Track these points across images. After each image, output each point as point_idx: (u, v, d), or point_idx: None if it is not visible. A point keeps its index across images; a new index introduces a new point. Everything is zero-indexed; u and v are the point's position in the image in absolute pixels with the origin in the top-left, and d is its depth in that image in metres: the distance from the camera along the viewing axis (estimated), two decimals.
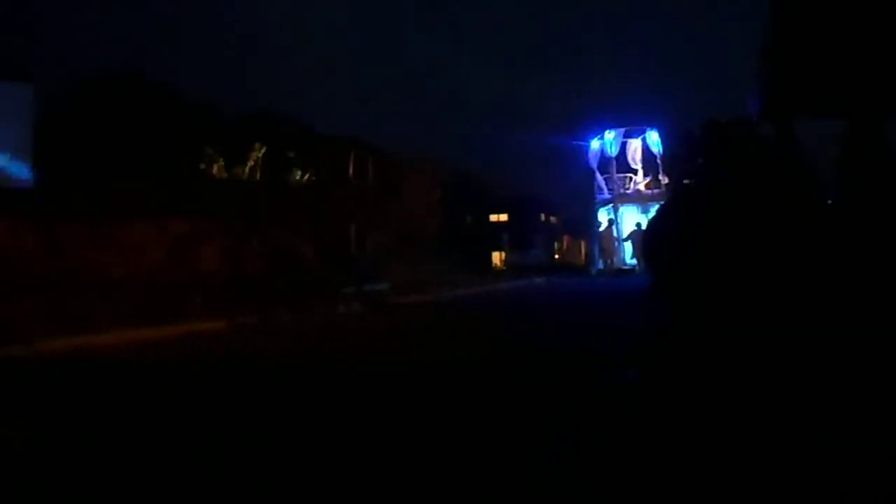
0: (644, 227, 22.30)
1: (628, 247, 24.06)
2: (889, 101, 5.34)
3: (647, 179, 27.02)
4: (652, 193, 26.18)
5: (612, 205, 26.76)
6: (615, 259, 25.55)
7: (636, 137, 27.44)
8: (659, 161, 26.47)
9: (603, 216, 27.30)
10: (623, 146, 27.49)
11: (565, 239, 47.35)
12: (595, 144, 27.76)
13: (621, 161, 27.57)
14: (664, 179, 25.64)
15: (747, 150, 7.38)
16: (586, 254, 34.95)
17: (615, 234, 25.80)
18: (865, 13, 4.66)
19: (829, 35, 4.82)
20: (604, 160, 27.67)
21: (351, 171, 23.88)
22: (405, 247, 21.36)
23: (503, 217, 42.13)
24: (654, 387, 4.09)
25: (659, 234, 7.61)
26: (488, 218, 41.71)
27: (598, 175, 27.68)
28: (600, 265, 26.14)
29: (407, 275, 17.06)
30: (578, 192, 31.40)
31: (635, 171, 27.40)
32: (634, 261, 23.21)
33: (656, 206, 25.22)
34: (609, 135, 27.41)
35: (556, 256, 42.69)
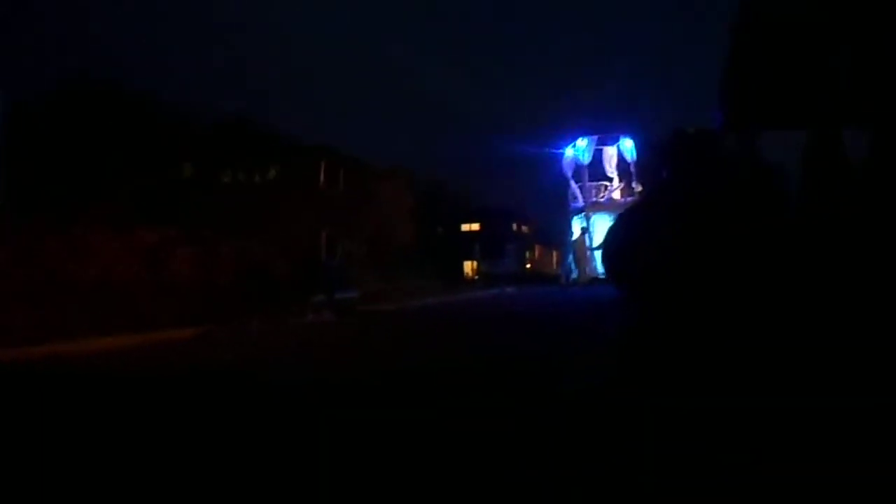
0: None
1: (598, 255, 24.19)
2: (845, 114, 5.55)
3: (621, 187, 27.09)
4: (625, 201, 25.94)
5: (584, 213, 26.83)
6: (588, 268, 25.60)
7: (611, 145, 27.57)
8: (633, 169, 26.72)
9: (576, 225, 27.40)
10: (597, 154, 27.62)
11: (537, 248, 47.70)
12: (569, 152, 27.85)
13: (595, 169, 27.71)
14: (637, 187, 25.83)
15: (710, 159, 7.57)
16: (558, 263, 35.20)
17: (587, 242, 25.90)
18: (821, 33, 4.84)
19: (788, 53, 4.98)
20: (577, 168, 27.75)
21: (322, 179, 23.86)
22: (377, 255, 21.39)
23: (475, 227, 42.32)
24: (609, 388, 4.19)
25: (620, 242, 7.78)
26: (460, 228, 41.85)
27: (572, 183, 27.81)
28: (574, 274, 26.17)
29: (378, 283, 17.09)
30: (551, 201, 31.60)
31: (610, 179, 27.55)
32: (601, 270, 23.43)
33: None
34: (581, 142, 27.50)
35: (528, 266, 42.93)
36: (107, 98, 16.44)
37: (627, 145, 27.01)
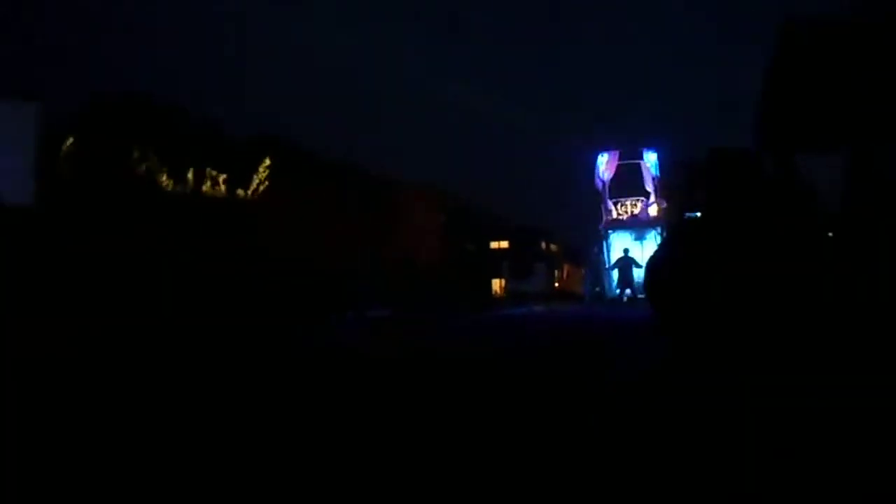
0: (630, 253, 22.20)
1: (615, 275, 23.42)
2: (882, 133, 5.45)
3: (644, 202, 26.37)
4: (648, 218, 25.71)
5: (604, 230, 26.17)
6: (606, 287, 25.02)
7: (634, 160, 26.48)
8: (654, 185, 25.83)
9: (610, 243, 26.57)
10: (620, 169, 26.79)
11: (566, 267, 47.35)
12: (599, 167, 27.00)
13: (618, 184, 26.75)
14: (661, 203, 25.12)
15: (752, 180, 7.41)
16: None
17: (604, 261, 25.34)
18: (853, 62, 4.91)
19: (824, 77, 5.06)
20: (600, 184, 26.97)
21: (351, 195, 23.90)
22: (407, 273, 21.29)
23: (504, 244, 42.14)
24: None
25: (665, 267, 7.54)
26: (489, 245, 41.69)
27: (606, 199, 26.97)
28: (592, 292, 25.59)
29: (409, 301, 16.97)
30: (579, 219, 31.12)
31: (640, 195, 26.61)
32: (618, 290, 22.65)
33: (651, 232, 24.78)
34: (602, 158, 26.65)
35: (557, 284, 42.62)
36: (139, 109, 16.61)
37: (652, 159, 26.12)
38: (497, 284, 34.62)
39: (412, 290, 18.73)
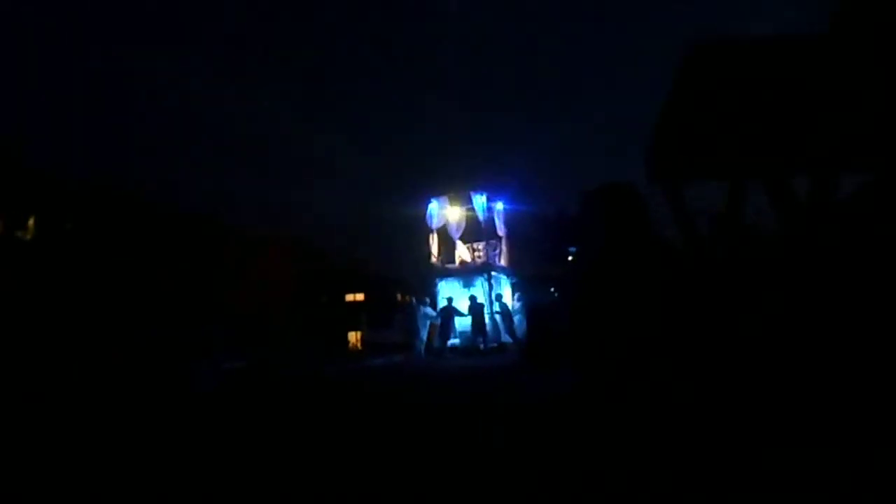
0: (454, 301, 20.79)
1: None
2: (755, 170, 5.93)
3: (472, 247, 24.41)
4: (474, 265, 23.81)
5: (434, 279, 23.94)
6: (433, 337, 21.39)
7: (462, 205, 24.19)
8: (483, 227, 23.98)
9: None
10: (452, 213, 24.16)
11: None
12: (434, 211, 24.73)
13: (446, 230, 24.20)
14: (493, 248, 24.10)
15: (642, 212, 7.60)
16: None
17: (419, 310, 21.54)
18: (747, 98, 5.21)
19: (713, 110, 5.26)
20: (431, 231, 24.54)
21: (202, 248, 23.00)
22: (260, 324, 20.63)
23: (360, 297, 41.90)
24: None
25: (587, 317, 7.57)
26: (344, 298, 41.31)
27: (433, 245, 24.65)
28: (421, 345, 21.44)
29: (262, 352, 16.39)
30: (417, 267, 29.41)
31: (463, 240, 24.38)
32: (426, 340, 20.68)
33: (479, 279, 22.68)
34: (432, 205, 24.45)
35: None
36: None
37: (480, 202, 23.88)
38: (354, 336, 34.26)
39: (265, 341, 18.11)
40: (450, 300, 21.23)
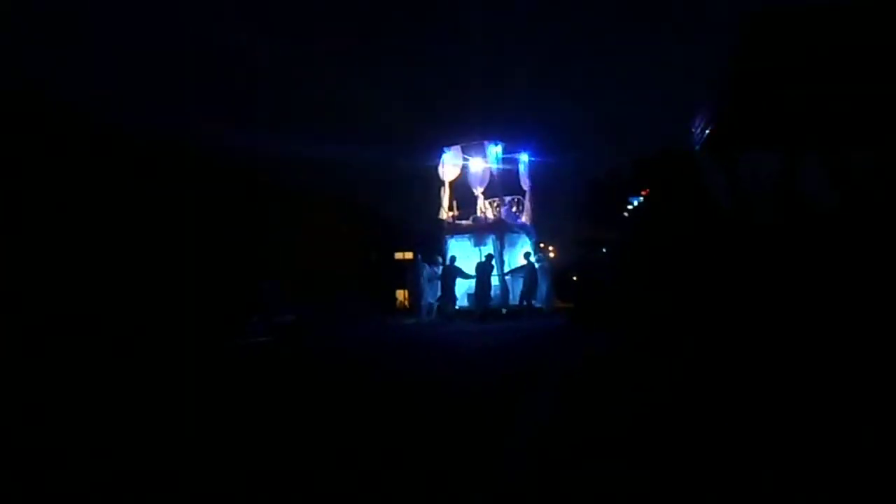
0: (458, 261, 19.42)
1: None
2: (812, 141, 5.78)
3: (488, 203, 22.57)
4: (487, 222, 21.69)
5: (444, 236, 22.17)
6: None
7: (475, 155, 22.17)
8: (498, 179, 21.88)
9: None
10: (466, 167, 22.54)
11: None
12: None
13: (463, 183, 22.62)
14: (517, 203, 22.14)
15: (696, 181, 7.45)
16: None
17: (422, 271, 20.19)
18: (804, 73, 5.04)
19: (774, 83, 5.12)
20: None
21: (254, 207, 23.41)
22: (310, 282, 21.04)
23: (409, 255, 42.09)
24: None
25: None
26: (394, 256, 41.59)
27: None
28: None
29: (312, 309, 16.81)
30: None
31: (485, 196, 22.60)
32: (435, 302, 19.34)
33: (490, 238, 20.43)
34: (446, 155, 22.43)
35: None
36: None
37: (494, 152, 21.76)
38: (402, 294, 34.63)
39: (316, 298, 18.53)
40: (452, 259, 19.70)
